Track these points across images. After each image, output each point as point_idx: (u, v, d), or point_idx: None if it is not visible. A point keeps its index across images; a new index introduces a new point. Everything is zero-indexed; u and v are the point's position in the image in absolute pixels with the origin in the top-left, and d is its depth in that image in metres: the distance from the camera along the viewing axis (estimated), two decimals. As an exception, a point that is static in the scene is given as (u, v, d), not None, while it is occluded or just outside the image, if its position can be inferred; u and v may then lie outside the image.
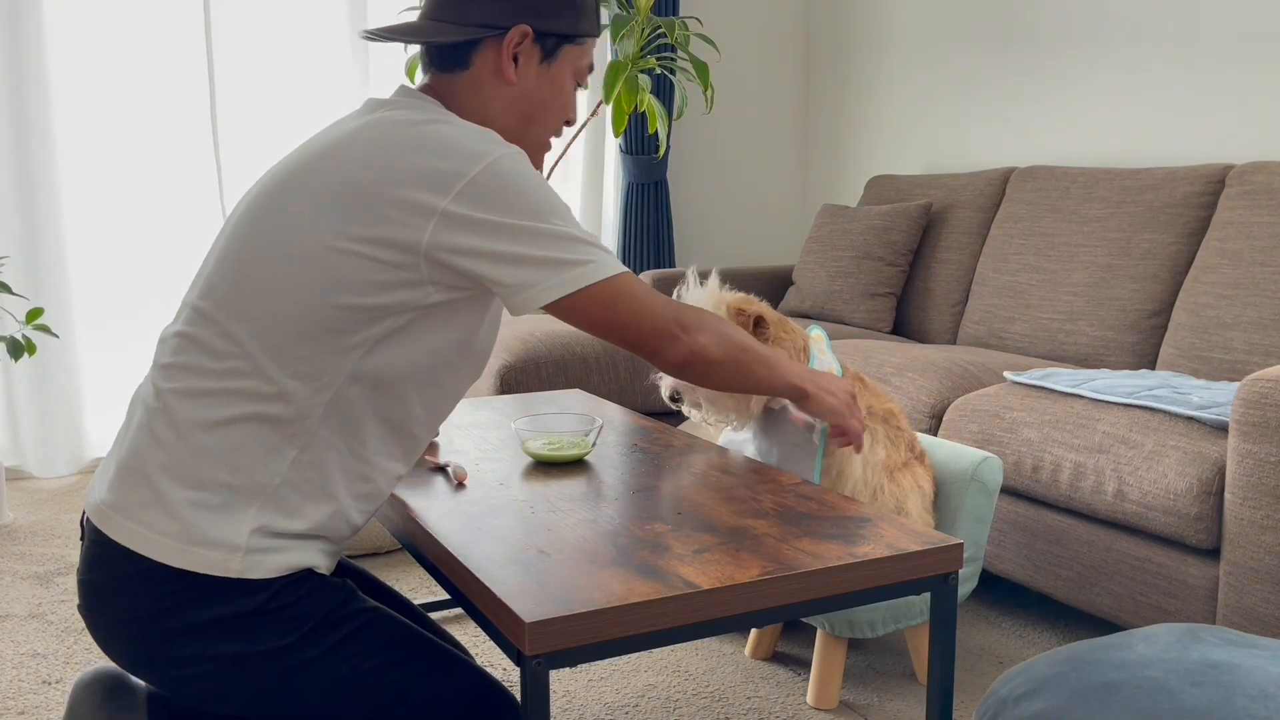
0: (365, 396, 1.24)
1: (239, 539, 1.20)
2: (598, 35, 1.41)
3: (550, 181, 4.31)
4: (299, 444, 1.22)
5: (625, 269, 1.27)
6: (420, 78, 1.44)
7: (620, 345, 1.29)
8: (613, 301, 1.25)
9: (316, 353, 1.20)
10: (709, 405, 1.94)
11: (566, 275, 1.22)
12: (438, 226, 1.18)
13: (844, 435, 1.61)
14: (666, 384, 1.94)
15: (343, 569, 1.55)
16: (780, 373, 1.46)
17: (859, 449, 1.64)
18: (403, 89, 1.34)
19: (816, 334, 2.06)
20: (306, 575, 1.25)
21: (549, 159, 4.26)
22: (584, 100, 4.35)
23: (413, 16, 4.05)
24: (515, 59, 1.35)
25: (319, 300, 1.19)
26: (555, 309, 1.25)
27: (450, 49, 1.34)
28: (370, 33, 1.35)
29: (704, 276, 2.08)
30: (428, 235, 1.19)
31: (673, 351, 1.32)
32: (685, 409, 1.97)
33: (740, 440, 2.08)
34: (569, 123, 1.44)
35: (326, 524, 1.27)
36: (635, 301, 1.27)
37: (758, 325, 1.93)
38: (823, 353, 2.03)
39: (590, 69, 1.43)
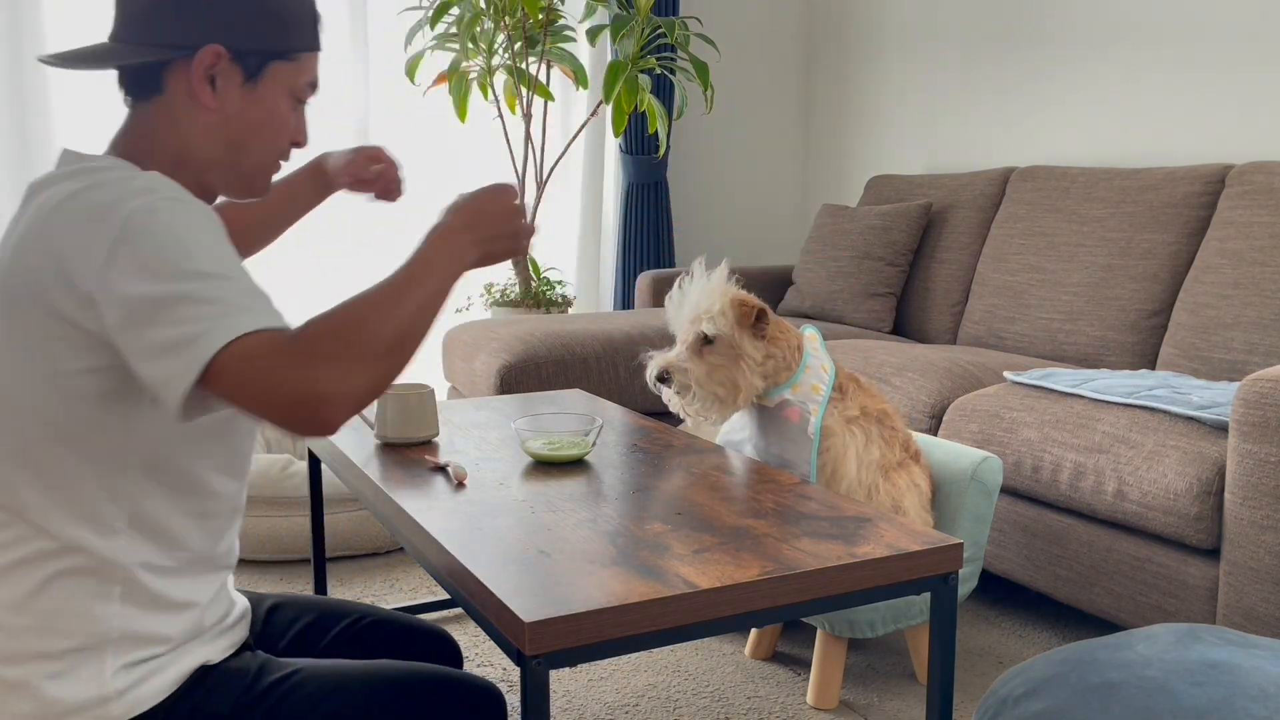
0: (153, 493, 1.14)
1: (105, 689, 1.10)
2: (316, 49, 1.25)
3: (550, 182, 4.31)
4: (118, 579, 1.12)
5: (252, 327, 1.02)
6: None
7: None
8: (235, 374, 1.00)
9: (80, 482, 1.09)
10: (699, 390, 1.93)
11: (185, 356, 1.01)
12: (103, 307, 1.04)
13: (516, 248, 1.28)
14: (654, 365, 1.94)
15: (266, 610, 1.45)
16: (437, 280, 1.15)
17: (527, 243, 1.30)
18: (64, 156, 1.19)
19: (810, 333, 2.06)
20: (200, 675, 1.17)
21: (549, 159, 4.26)
22: (584, 100, 4.34)
23: (413, 19, 4.05)
24: (214, 81, 1.18)
25: (50, 425, 1.08)
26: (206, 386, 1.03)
27: (139, 73, 1.18)
28: (49, 58, 1.20)
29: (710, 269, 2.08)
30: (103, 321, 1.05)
31: (309, 423, 1.02)
32: (672, 397, 1.95)
33: (738, 440, 2.08)
34: (297, 145, 1.27)
35: (195, 623, 1.18)
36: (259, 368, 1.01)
37: (759, 319, 1.94)
38: (816, 351, 2.03)
39: (313, 87, 1.26)
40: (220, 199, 1.37)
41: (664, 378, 1.93)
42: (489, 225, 1.25)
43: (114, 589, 1.12)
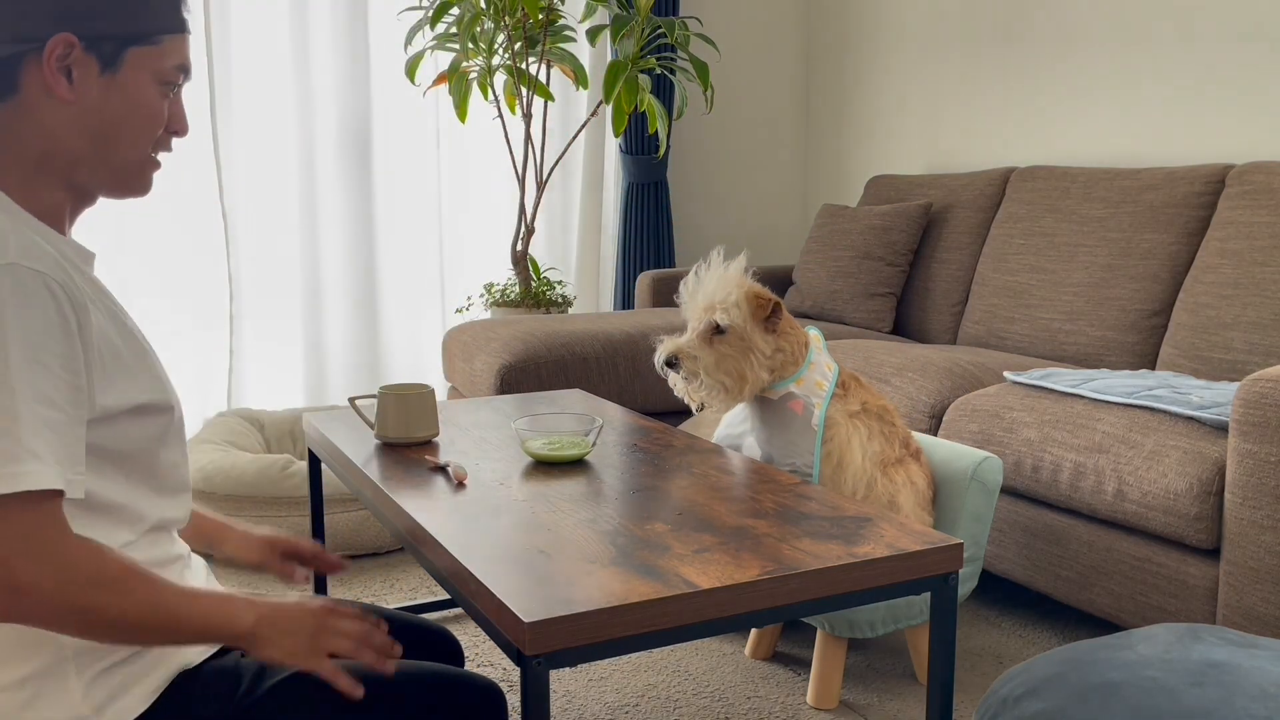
0: (70, 517, 1.08)
1: (79, 709, 1.06)
2: (179, 30, 1.17)
3: (550, 182, 4.31)
4: None
5: (32, 486, 0.98)
6: None
7: None
8: None
9: None
10: (707, 378, 1.93)
11: None
12: None
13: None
14: (664, 349, 1.94)
15: None
16: (194, 612, 1.07)
17: (350, 690, 1.17)
18: None
19: (814, 334, 2.07)
20: (182, 680, 1.13)
21: (549, 159, 4.26)
22: (584, 100, 4.35)
23: (413, 19, 4.05)
24: (69, 73, 1.11)
25: None
26: None
27: None
28: None
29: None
30: None
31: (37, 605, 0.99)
32: (679, 383, 1.95)
33: (738, 433, 2.08)
34: (176, 133, 1.21)
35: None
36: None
37: (773, 313, 1.94)
38: (819, 352, 2.04)
39: (183, 72, 1.19)
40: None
41: (672, 363, 1.94)
42: (285, 621, 1.14)
43: None
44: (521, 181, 3.97)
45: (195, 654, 1.17)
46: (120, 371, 1.12)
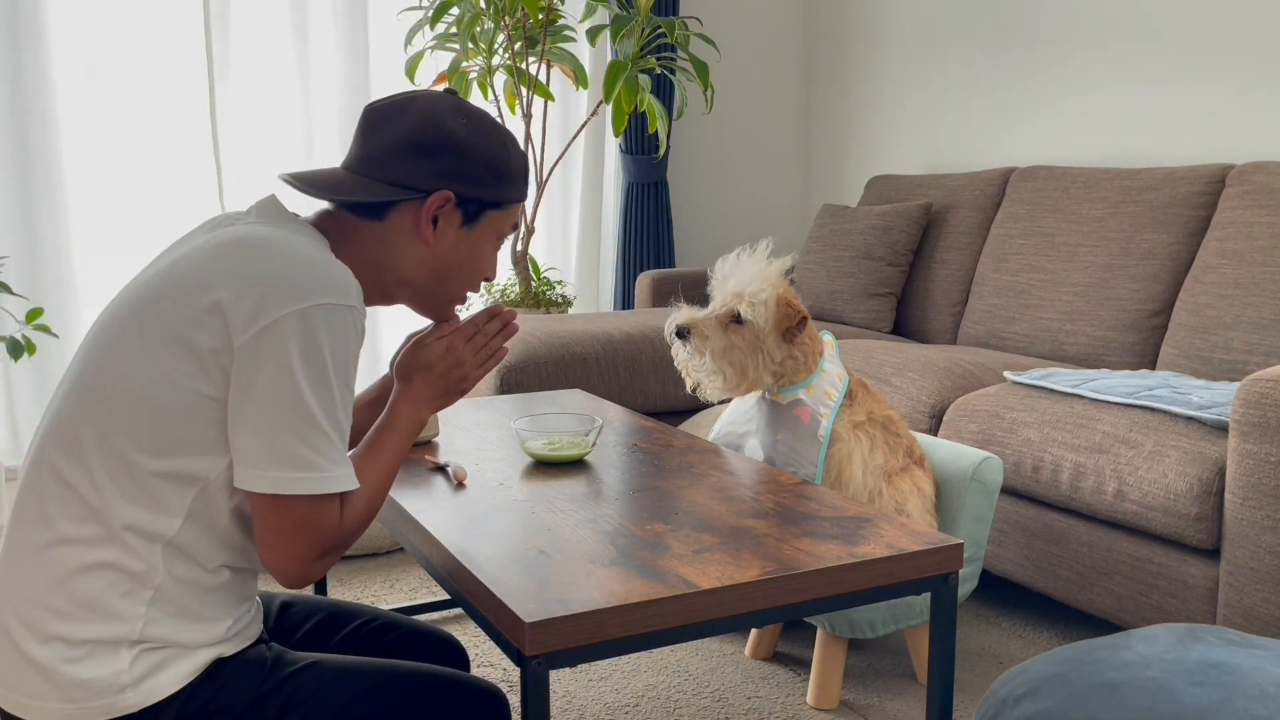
0: (213, 515, 1.19)
1: (122, 678, 1.14)
2: (524, 200, 1.38)
3: (550, 182, 4.31)
4: (152, 585, 1.16)
5: (339, 489, 1.18)
6: (326, 206, 1.34)
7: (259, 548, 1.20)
8: (304, 518, 1.17)
9: (152, 484, 1.15)
10: (711, 361, 1.92)
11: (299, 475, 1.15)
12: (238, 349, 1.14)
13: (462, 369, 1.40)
14: (679, 317, 1.93)
15: (278, 607, 1.49)
16: (396, 444, 1.31)
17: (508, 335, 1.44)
18: (268, 202, 1.29)
19: (828, 340, 2.07)
20: (215, 668, 1.19)
21: (549, 159, 4.26)
22: (584, 100, 4.35)
23: (413, 19, 4.05)
24: (435, 220, 1.31)
25: (147, 424, 1.15)
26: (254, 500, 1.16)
27: (366, 202, 1.29)
28: (289, 178, 1.31)
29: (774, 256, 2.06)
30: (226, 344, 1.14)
31: (287, 580, 1.20)
32: (684, 358, 1.95)
33: (741, 432, 2.08)
34: (487, 279, 1.40)
35: (217, 635, 1.22)
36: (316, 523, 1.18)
37: (798, 326, 1.93)
38: (832, 358, 2.04)
39: (516, 229, 1.39)
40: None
41: (682, 334, 1.92)
42: (441, 382, 1.38)
43: (145, 593, 1.15)
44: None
45: (231, 646, 1.23)
46: None
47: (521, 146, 1.39)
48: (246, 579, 1.27)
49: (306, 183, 1.29)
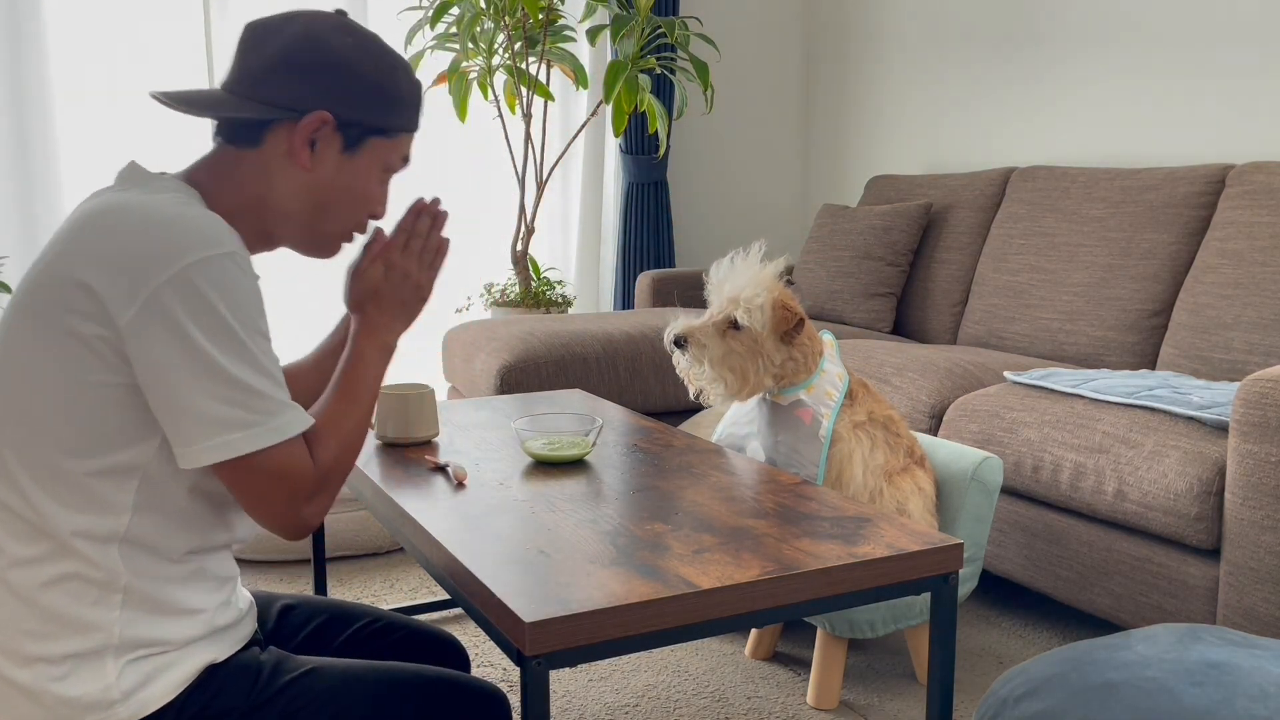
0: (160, 506, 1.15)
1: (111, 691, 1.11)
2: (414, 130, 1.30)
3: (550, 182, 4.31)
4: (119, 587, 1.13)
5: (289, 434, 1.13)
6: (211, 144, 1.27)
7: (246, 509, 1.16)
8: (270, 470, 1.12)
9: (85, 487, 1.11)
10: (710, 369, 1.92)
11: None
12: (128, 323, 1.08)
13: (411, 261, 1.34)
14: (676, 327, 1.93)
15: (279, 610, 1.47)
16: (368, 376, 1.27)
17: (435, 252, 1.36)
18: (129, 169, 1.22)
19: (828, 339, 2.07)
20: (208, 674, 1.17)
21: (549, 159, 4.26)
22: (584, 100, 4.34)
23: (413, 19, 4.05)
24: (312, 144, 1.23)
25: (60, 429, 1.10)
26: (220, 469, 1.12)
27: (242, 125, 1.23)
28: (160, 95, 1.24)
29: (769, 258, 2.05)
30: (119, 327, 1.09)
31: (286, 533, 1.18)
32: (684, 366, 1.95)
33: (743, 434, 2.08)
34: (374, 216, 1.31)
35: (205, 626, 1.19)
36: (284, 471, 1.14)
37: (795, 328, 1.93)
38: (832, 358, 2.04)
39: (405, 162, 1.31)
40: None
41: (680, 343, 1.92)
42: (396, 300, 1.32)
43: (114, 596, 1.12)
44: (521, 181, 3.97)
45: (223, 650, 1.20)
46: None
47: (416, 76, 1.30)
48: (220, 559, 1.23)
49: (178, 100, 1.22)
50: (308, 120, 1.21)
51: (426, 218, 1.34)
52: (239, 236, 1.16)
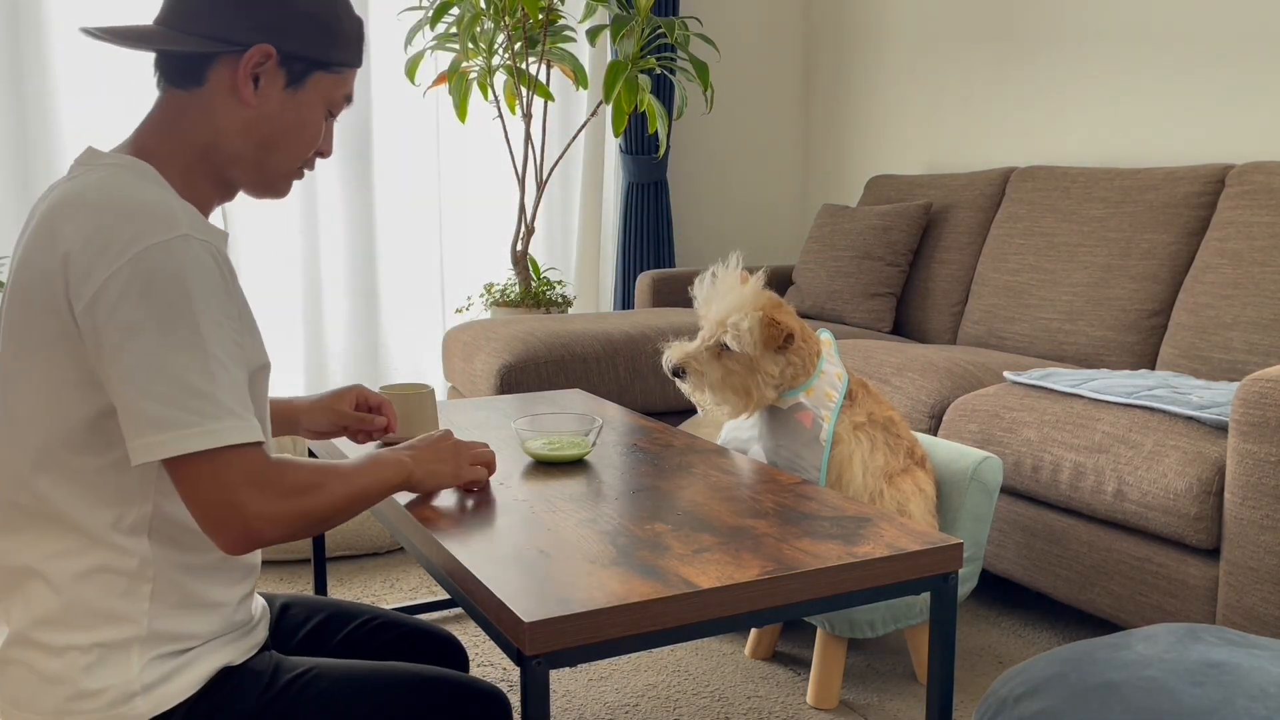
0: (175, 496, 1.16)
1: (132, 685, 1.13)
2: (357, 65, 1.29)
3: (550, 182, 4.31)
4: (148, 578, 1.15)
5: (233, 441, 1.09)
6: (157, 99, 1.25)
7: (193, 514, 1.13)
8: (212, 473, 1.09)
9: (103, 483, 1.13)
10: (711, 394, 1.93)
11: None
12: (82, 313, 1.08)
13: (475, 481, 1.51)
14: (672, 356, 1.94)
15: (279, 609, 1.48)
16: (373, 479, 1.26)
17: (492, 471, 1.55)
18: (86, 154, 1.21)
19: (826, 338, 2.06)
20: (222, 676, 1.19)
21: (549, 159, 4.26)
22: (584, 100, 4.35)
23: (413, 19, 4.05)
24: (256, 80, 1.21)
25: (65, 428, 1.11)
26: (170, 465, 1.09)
27: (183, 62, 1.20)
28: (91, 30, 1.22)
29: (750, 271, 2.06)
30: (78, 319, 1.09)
31: (227, 540, 1.11)
32: (688, 391, 1.97)
33: (745, 439, 2.08)
34: (322, 154, 1.31)
35: (224, 622, 1.21)
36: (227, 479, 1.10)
37: (786, 341, 1.93)
38: (830, 357, 2.03)
39: (348, 100, 1.30)
40: None
41: (679, 373, 1.94)
42: (428, 450, 1.42)
43: (143, 587, 1.15)
44: (521, 181, 3.97)
45: (239, 653, 1.22)
46: (253, 333, 1.21)
47: (357, 13, 1.28)
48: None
49: (112, 34, 1.20)
50: (252, 54, 1.19)
51: (485, 452, 1.51)
52: (195, 213, 1.15)
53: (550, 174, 4.01)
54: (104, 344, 1.06)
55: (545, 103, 3.97)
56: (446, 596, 2.56)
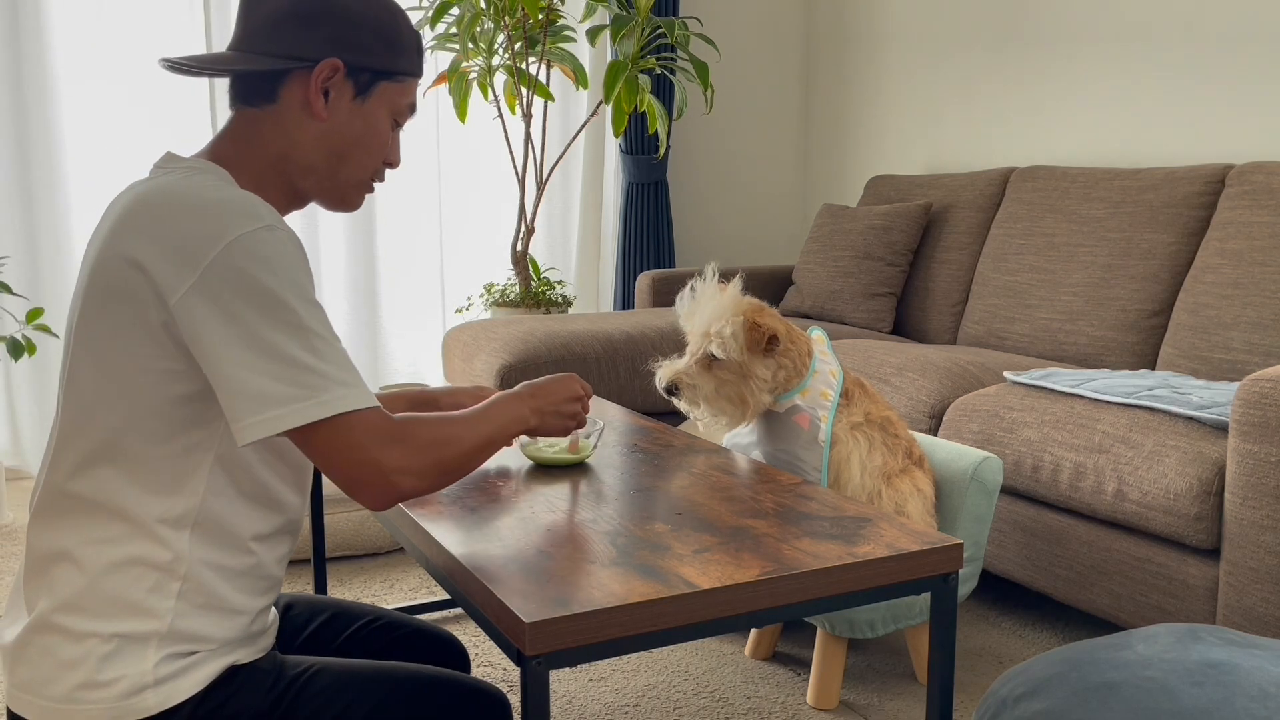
0: (224, 493, 1.19)
1: (145, 678, 1.15)
2: (419, 75, 1.35)
3: (550, 182, 4.31)
4: (180, 575, 1.17)
5: (349, 407, 1.14)
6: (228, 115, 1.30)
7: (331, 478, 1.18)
8: (339, 437, 1.13)
9: (156, 473, 1.16)
10: (707, 406, 1.94)
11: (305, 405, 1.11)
12: (177, 305, 1.12)
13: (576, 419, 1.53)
14: (663, 376, 1.95)
15: (281, 609, 1.50)
16: (497, 425, 1.31)
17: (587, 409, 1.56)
18: (165, 159, 1.27)
19: (817, 335, 2.06)
20: (229, 674, 1.20)
21: (549, 159, 4.26)
22: (584, 100, 4.35)
23: (414, 18, 4.05)
24: (326, 94, 1.27)
25: (130, 416, 1.15)
26: (293, 436, 1.14)
27: (256, 81, 1.26)
28: (170, 62, 1.27)
29: (726, 277, 2.07)
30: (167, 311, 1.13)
31: (372, 497, 1.17)
32: (683, 407, 1.97)
33: (745, 445, 2.08)
34: (390, 164, 1.36)
35: (242, 630, 1.23)
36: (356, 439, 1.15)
37: (770, 343, 1.93)
38: (824, 355, 2.03)
39: (412, 110, 1.36)
40: None
41: (672, 390, 1.94)
42: (548, 400, 1.45)
43: (173, 584, 1.17)
44: (521, 181, 3.97)
45: (249, 654, 1.24)
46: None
47: (411, 21, 1.35)
48: (275, 547, 1.27)
49: (195, 63, 1.26)
50: (321, 68, 1.25)
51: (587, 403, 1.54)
52: (273, 208, 1.21)
53: (550, 174, 4.01)
54: (204, 333, 1.10)
55: (545, 103, 3.97)
56: (446, 597, 2.56)
